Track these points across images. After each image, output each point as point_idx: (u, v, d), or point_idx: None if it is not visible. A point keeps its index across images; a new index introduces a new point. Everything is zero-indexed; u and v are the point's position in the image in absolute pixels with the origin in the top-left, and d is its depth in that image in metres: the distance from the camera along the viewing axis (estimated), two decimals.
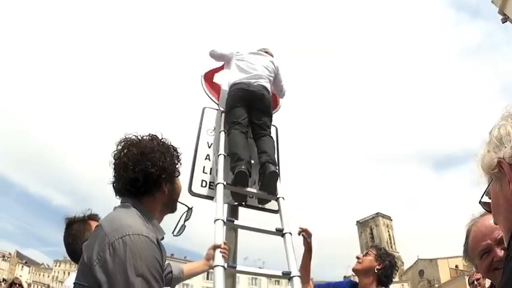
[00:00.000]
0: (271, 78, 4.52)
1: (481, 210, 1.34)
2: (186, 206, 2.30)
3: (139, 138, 2.00)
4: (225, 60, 4.69)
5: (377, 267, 3.13)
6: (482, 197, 1.24)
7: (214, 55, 4.70)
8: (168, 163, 1.98)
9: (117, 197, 1.97)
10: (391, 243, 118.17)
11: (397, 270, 3.26)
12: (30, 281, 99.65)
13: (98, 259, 1.61)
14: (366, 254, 3.23)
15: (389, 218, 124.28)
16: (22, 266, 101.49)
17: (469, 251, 1.64)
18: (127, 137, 2.00)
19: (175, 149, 2.08)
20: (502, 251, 1.46)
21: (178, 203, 2.20)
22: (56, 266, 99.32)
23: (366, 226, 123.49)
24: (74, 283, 1.75)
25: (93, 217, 2.76)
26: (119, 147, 1.97)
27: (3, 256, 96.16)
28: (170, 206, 2.11)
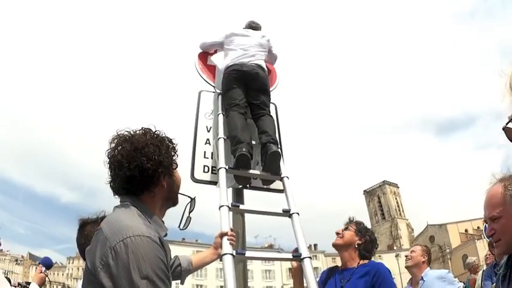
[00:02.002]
0: (265, 54, 4.45)
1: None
2: (189, 196, 2.24)
3: (132, 133, 1.92)
4: (217, 47, 4.63)
5: (358, 241, 3.11)
6: (507, 124, 1.22)
7: (205, 46, 4.66)
8: (164, 156, 1.90)
9: (116, 196, 1.91)
10: (399, 210, 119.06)
11: (377, 247, 3.22)
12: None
13: (101, 264, 1.57)
14: (346, 229, 3.19)
15: (396, 186, 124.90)
16: (35, 268, 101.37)
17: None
18: (119, 133, 1.92)
19: (170, 141, 2.00)
20: None
21: (180, 195, 2.13)
22: (69, 263, 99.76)
23: (374, 195, 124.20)
24: None
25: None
26: (112, 145, 1.89)
27: (16, 260, 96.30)
28: (171, 200, 2.05)
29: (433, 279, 4.18)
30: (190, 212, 2.27)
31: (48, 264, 3.76)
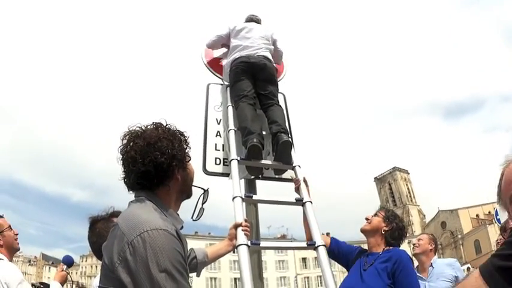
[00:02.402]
0: (270, 47, 4.44)
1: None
2: (202, 188, 2.24)
3: (143, 128, 1.92)
4: (223, 41, 4.57)
5: (384, 228, 3.13)
6: None
7: (211, 44, 4.59)
8: (177, 149, 1.91)
9: (130, 192, 1.92)
10: (410, 196, 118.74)
11: (405, 235, 3.23)
12: None
13: (119, 260, 1.58)
14: (375, 215, 3.23)
15: (407, 172, 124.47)
16: (49, 268, 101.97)
17: (502, 194, 1.51)
18: (130, 129, 1.93)
19: (182, 134, 2.01)
20: None
21: (193, 187, 2.14)
22: (82, 261, 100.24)
23: (384, 181, 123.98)
24: (98, 286, 1.72)
25: (116, 214, 2.70)
26: (124, 141, 1.90)
27: (29, 261, 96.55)
28: (185, 192, 2.06)
29: (442, 266, 4.35)
30: (203, 203, 2.28)
31: (69, 262, 3.79)
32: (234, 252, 2.79)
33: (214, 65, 4.60)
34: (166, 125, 1.97)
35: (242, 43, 4.30)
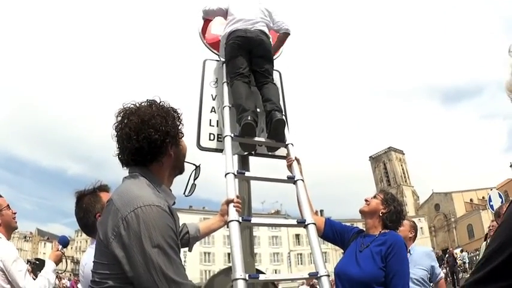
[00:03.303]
0: (268, 20, 4.36)
1: None
2: (194, 164, 2.31)
3: (138, 105, 1.95)
4: (220, 14, 4.50)
5: (382, 210, 3.15)
6: None
7: (208, 12, 4.53)
8: (171, 126, 1.94)
9: (124, 167, 1.95)
10: (405, 177, 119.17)
11: (403, 219, 3.29)
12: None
13: (113, 235, 1.63)
14: (374, 197, 3.25)
15: (402, 152, 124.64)
16: (44, 243, 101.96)
17: None
18: (125, 106, 1.95)
19: (175, 111, 2.03)
20: None
21: (185, 163, 2.18)
22: (77, 236, 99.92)
23: (379, 161, 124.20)
24: (93, 261, 1.77)
25: (103, 188, 2.77)
26: (119, 118, 1.92)
27: (25, 237, 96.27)
28: (178, 168, 2.10)
29: (420, 254, 4.51)
30: (195, 179, 2.34)
31: (65, 242, 3.83)
32: (226, 227, 2.83)
33: (211, 40, 4.57)
34: (160, 102, 2.00)
35: (238, 15, 4.24)
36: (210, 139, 3.81)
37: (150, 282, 1.58)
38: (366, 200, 3.26)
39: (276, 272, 70.28)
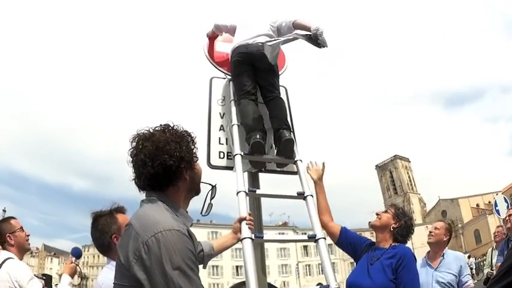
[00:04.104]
0: (273, 31, 4.32)
1: None
2: (210, 184, 2.39)
3: (152, 131, 2.01)
4: (230, 31, 4.53)
5: (393, 225, 3.23)
6: None
7: (220, 27, 4.55)
8: (185, 151, 1.99)
9: (141, 192, 2.02)
10: (411, 185, 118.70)
11: (412, 233, 3.34)
12: (61, 271, 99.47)
13: (135, 259, 1.69)
14: (386, 212, 3.33)
15: (408, 160, 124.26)
16: (51, 259, 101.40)
17: None
18: (139, 132, 2.02)
19: (189, 135, 2.09)
20: None
21: (201, 184, 2.24)
22: (85, 251, 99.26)
23: (385, 169, 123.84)
24: (114, 283, 1.84)
25: (120, 210, 2.84)
26: (134, 144, 1.99)
27: (32, 252, 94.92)
28: (194, 190, 2.16)
29: (452, 259, 4.43)
30: (211, 198, 2.43)
31: (77, 254, 3.88)
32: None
33: (217, 58, 4.61)
34: (174, 126, 2.05)
35: (242, 30, 4.29)
36: (220, 157, 3.86)
37: None
38: (377, 214, 3.35)
39: (284, 284, 69.95)
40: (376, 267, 3.04)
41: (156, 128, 2.03)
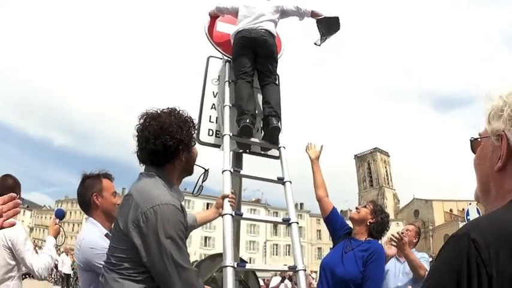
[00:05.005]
0: (276, 17, 4.44)
1: None
2: (203, 168, 2.67)
3: (159, 112, 2.27)
4: (232, 13, 4.61)
5: (370, 220, 3.48)
6: (476, 138, 1.26)
7: (221, 9, 4.62)
8: (185, 135, 2.25)
9: (141, 164, 2.29)
10: (388, 179, 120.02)
11: (387, 230, 3.59)
12: (32, 224, 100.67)
13: (133, 226, 1.97)
14: (365, 206, 3.58)
15: (387, 154, 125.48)
16: (24, 211, 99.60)
17: None
18: (147, 111, 2.28)
19: (192, 121, 2.36)
20: None
21: (195, 166, 2.51)
22: (57, 206, 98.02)
23: (364, 161, 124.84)
24: (110, 246, 2.12)
25: (106, 176, 3.10)
26: (141, 121, 2.25)
27: None
28: (187, 171, 2.44)
29: (417, 256, 4.79)
30: (203, 181, 2.74)
31: (61, 214, 4.05)
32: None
33: (216, 38, 4.68)
34: (180, 111, 2.33)
35: (246, 15, 4.36)
36: (209, 134, 4.04)
37: (162, 267, 1.93)
38: (357, 208, 3.61)
39: (250, 261, 70.74)
40: (349, 257, 3.31)
41: (164, 110, 2.30)
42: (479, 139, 1.24)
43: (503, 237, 0.93)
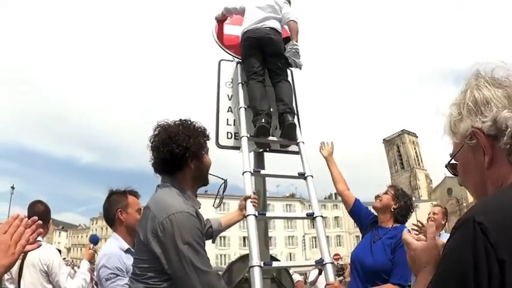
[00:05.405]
0: (279, 15, 4.41)
1: None
2: (222, 178, 2.78)
3: (170, 124, 2.39)
4: (240, 13, 4.62)
5: (393, 206, 3.44)
6: (449, 161, 1.24)
7: (230, 10, 4.66)
8: (192, 143, 2.34)
9: (156, 174, 2.40)
10: (418, 160, 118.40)
11: (412, 211, 3.54)
12: (69, 245, 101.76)
13: (152, 236, 2.08)
14: (386, 193, 3.53)
15: (415, 135, 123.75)
16: (59, 233, 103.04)
17: None
18: (159, 123, 2.40)
19: (202, 131, 2.46)
20: None
21: (213, 176, 2.62)
22: (92, 224, 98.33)
23: (393, 144, 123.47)
24: (134, 257, 2.24)
25: (132, 192, 3.27)
26: (154, 133, 2.38)
27: None
28: (201, 179, 2.50)
29: (445, 239, 4.77)
30: (223, 192, 2.83)
31: (95, 240, 4.28)
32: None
33: (225, 41, 4.75)
34: (190, 121, 2.44)
35: (251, 14, 4.38)
36: (227, 137, 4.09)
37: (182, 272, 2.02)
38: (377, 196, 3.57)
39: (290, 256, 70.83)
40: (378, 246, 3.31)
41: (176, 122, 2.42)
42: (453, 159, 1.21)
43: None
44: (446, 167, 1.27)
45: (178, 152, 2.30)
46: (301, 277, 14.05)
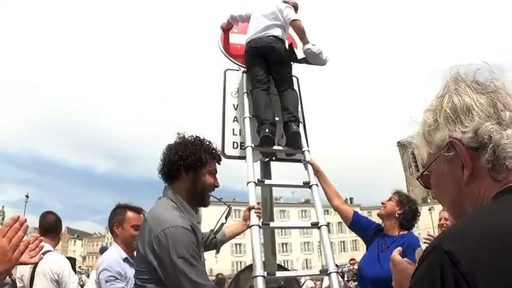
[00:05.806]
0: (280, 22, 4.38)
1: None
2: (226, 204, 2.91)
3: (184, 136, 2.54)
4: (246, 21, 4.63)
5: (398, 212, 3.41)
6: (422, 173, 1.11)
7: (235, 18, 4.68)
8: (190, 154, 2.43)
9: (165, 184, 2.52)
10: None
11: (418, 217, 3.50)
12: (84, 253, 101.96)
13: (149, 248, 2.16)
14: (390, 199, 3.50)
15: None
16: (74, 241, 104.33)
17: None
18: (179, 135, 2.56)
19: (210, 149, 2.54)
20: None
21: (217, 201, 2.73)
22: (108, 232, 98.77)
23: (407, 147, 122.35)
24: (135, 269, 2.32)
25: (132, 208, 3.49)
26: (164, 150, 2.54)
27: None
28: (196, 197, 2.50)
29: None
30: (226, 218, 2.89)
31: (105, 252, 4.34)
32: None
33: (231, 50, 4.75)
34: (203, 139, 2.54)
35: (253, 23, 4.40)
36: (233, 147, 4.10)
37: (178, 284, 2.09)
38: (382, 203, 3.55)
39: (306, 261, 70.53)
40: (386, 255, 3.26)
41: (191, 136, 2.56)
42: (426, 171, 1.08)
43: (491, 239, 0.74)
44: (417, 179, 1.15)
45: (172, 158, 2.43)
46: (316, 283, 14.01)
